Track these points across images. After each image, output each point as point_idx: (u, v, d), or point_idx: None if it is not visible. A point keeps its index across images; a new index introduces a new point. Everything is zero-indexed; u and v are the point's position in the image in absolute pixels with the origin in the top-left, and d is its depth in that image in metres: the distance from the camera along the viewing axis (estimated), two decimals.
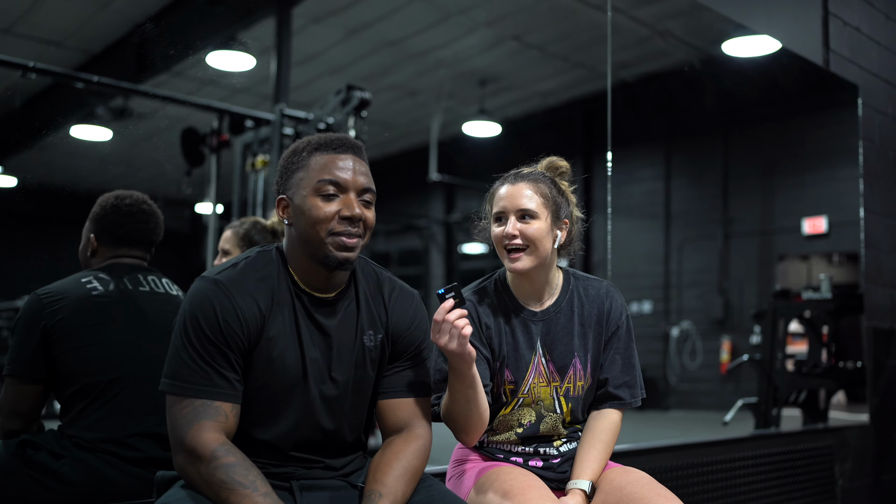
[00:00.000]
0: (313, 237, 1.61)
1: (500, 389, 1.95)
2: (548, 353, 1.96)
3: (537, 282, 1.96)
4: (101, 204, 2.27)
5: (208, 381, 1.54)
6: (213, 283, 1.59)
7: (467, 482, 1.93)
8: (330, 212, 1.61)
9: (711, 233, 9.47)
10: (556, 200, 1.94)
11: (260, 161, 5.52)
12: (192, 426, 1.51)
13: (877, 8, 5.14)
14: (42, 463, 1.98)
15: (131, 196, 2.28)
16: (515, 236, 1.89)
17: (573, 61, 8.07)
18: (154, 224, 2.31)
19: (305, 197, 1.62)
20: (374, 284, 1.76)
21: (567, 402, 1.97)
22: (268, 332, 1.61)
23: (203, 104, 5.57)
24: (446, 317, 1.64)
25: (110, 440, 2.04)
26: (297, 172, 1.65)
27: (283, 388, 1.63)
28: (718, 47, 5.31)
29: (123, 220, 2.24)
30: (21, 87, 4.32)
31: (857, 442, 4.54)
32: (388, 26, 6.97)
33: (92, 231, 2.27)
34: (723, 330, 9.22)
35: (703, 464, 3.55)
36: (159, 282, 2.27)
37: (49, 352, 2.05)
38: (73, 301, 2.08)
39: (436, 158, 9.36)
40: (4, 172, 4.92)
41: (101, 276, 2.17)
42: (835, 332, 5.01)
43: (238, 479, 1.46)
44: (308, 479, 1.67)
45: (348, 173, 1.63)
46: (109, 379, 2.06)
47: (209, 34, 5.04)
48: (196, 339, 1.55)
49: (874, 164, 4.94)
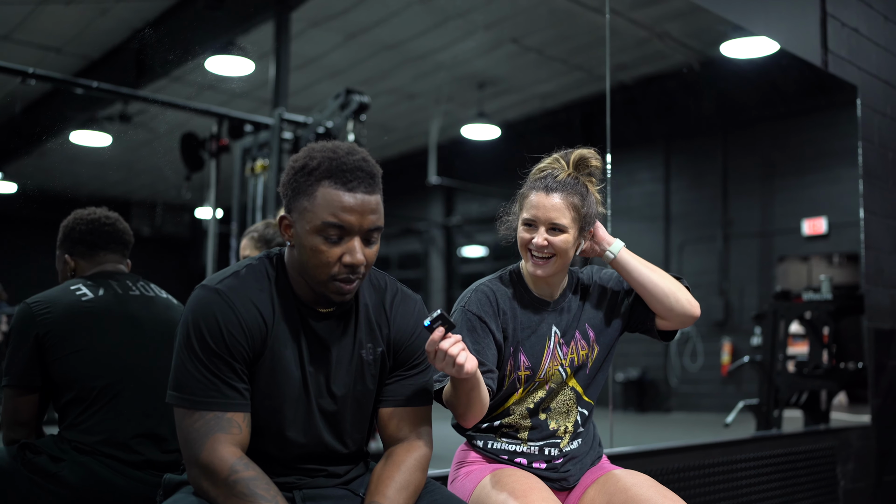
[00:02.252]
0: (313, 276, 1.56)
1: (514, 375, 1.97)
2: (562, 339, 2.02)
3: (553, 281, 2.03)
4: (63, 226, 2.31)
5: (218, 392, 1.52)
6: (214, 292, 1.56)
7: (470, 484, 1.93)
8: (332, 257, 1.53)
9: (711, 234, 9.47)
10: (585, 215, 1.97)
11: (259, 165, 5.52)
12: (207, 441, 1.48)
13: (875, 9, 5.15)
14: (42, 466, 1.99)
15: (90, 209, 2.33)
16: (545, 247, 1.93)
17: (572, 64, 8.07)
18: (121, 225, 2.34)
19: (308, 233, 1.53)
20: (376, 292, 1.74)
21: (572, 372, 2.01)
22: (271, 341, 1.58)
23: (202, 109, 5.57)
24: (439, 346, 1.60)
25: (109, 443, 2.04)
26: (302, 199, 1.54)
27: (284, 401, 1.61)
28: (717, 49, 5.32)
29: (88, 226, 2.28)
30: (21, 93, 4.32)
31: (858, 443, 4.53)
32: (386, 30, 6.97)
33: (65, 252, 2.29)
34: (723, 332, 9.22)
35: (704, 466, 3.55)
36: (147, 286, 2.30)
37: (43, 360, 2.06)
38: (63, 308, 2.09)
39: (435, 161, 9.36)
40: (4, 178, 4.92)
41: (89, 283, 2.19)
42: (835, 333, 5.01)
43: (261, 492, 1.44)
44: (311, 487, 1.66)
45: (355, 216, 1.52)
46: (105, 383, 2.08)
47: (208, 39, 5.05)
48: (201, 350, 1.52)
49: (873, 164, 4.94)
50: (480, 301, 1.97)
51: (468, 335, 1.92)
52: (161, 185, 6.83)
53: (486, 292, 1.99)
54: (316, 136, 5.26)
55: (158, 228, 6.90)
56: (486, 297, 1.98)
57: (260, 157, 5.55)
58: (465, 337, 1.89)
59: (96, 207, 2.34)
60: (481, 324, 1.94)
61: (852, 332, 5.03)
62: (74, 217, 2.30)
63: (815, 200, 8.54)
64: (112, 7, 5.25)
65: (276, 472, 1.62)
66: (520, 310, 2.00)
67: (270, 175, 5.37)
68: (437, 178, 9.47)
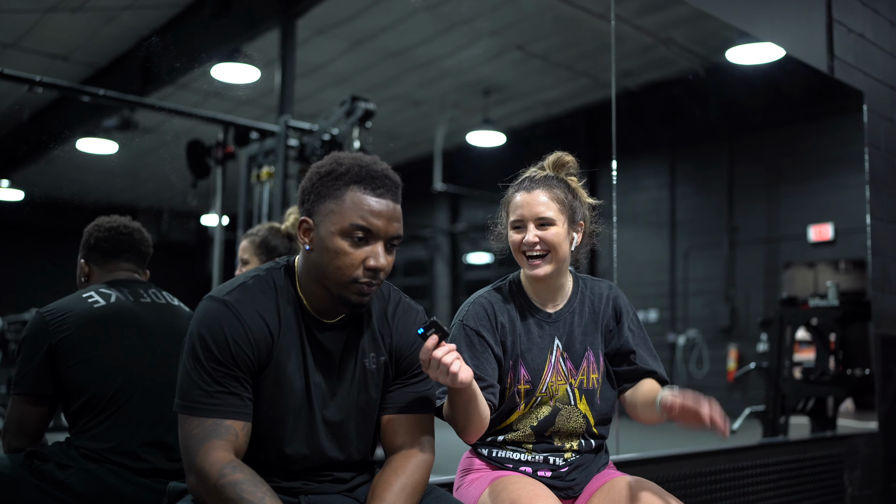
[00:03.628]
0: (334, 278, 1.58)
1: (513, 389, 1.95)
2: (566, 352, 1.98)
3: (553, 285, 2.00)
4: (85, 231, 2.33)
5: (218, 400, 1.53)
6: (221, 303, 1.57)
7: (475, 491, 1.93)
8: (356, 259, 1.56)
9: (717, 241, 9.45)
10: (571, 205, 1.98)
11: (265, 172, 5.54)
12: (202, 446, 1.49)
13: (881, 14, 5.14)
14: (49, 474, 1.98)
15: (110, 217, 2.35)
16: (536, 244, 1.92)
17: (577, 70, 8.08)
18: (139, 236, 2.36)
19: (333, 235, 1.56)
20: (379, 301, 1.75)
21: (581, 395, 1.98)
22: (276, 353, 1.59)
23: (208, 116, 5.58)
24: (433, 354, 1.59)
25: (118, 451, 2.04)
26: (328, 202, 1.58)
27: (288, 412, 1.61)
28: (722, 55, 5.32)
29: (107, 234, 2.30)
30: (28, 100, 4.34)
31: (866, 450, 4.51)
32: (391, 37, 6.98)
33: (81, 258, 2.32)
34: (729, 338, 9.19)
35: (711, 472, 3.53)
36: (160, 294, 2.30)
37: (55, 368, 2.07)
38: (76, 318, 2.10)
39: (440, 168, 9.37)
40: (12, 186, 4.94)
41: (102, 291, 2.20)
42: (842, 339, 4.98)
43: (246, 496, 1.43)
44: (317, 493, 1.66)
45: (382, 221, 1.58)
46: (115, 390, 2.08)
47: (214, 47, 5.06)
48: (205, 359, 1.53)
49: (880, 170, 4.93)
50: (478, 314, 1.96)
51: (467, 350, 1.91)
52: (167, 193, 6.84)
53: (483, 305, 1.97)
54: (321, 143, 5.27)
55: (164, 235, 6.92)
56: (484, 310, 1.96)
57: (266, 164, 5.56)
58: (464, 352, 1.89)
59: (120, 216, 2.35)
60: (479, 338, 1.93)
61: (859, 339, 5.00)
62: (95, 224, 2.33)
63: (822, 206, 8.51)
64: (118, 15, 5.27)
65: (282, 479, 1.63)
66: (519, 321, 1.98)
67: (276, 182, 5.38)
68: (443, 184, 9.48)
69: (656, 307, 9.75)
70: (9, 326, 5.19)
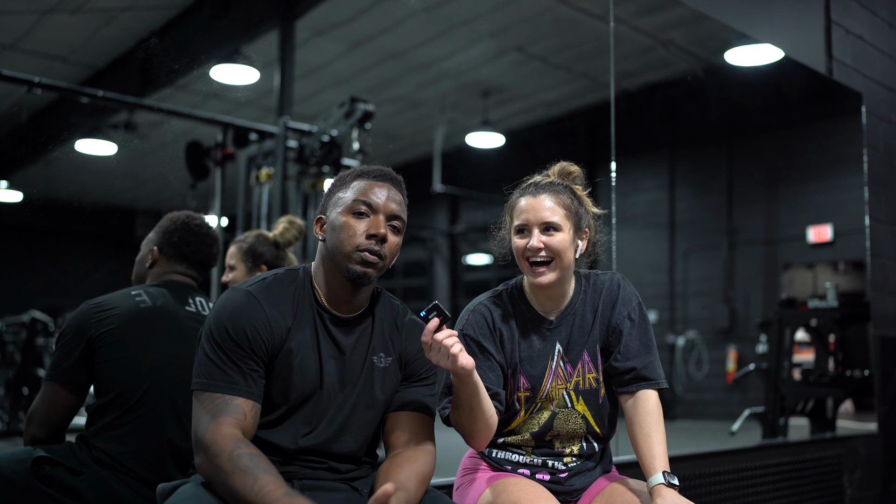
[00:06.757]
0: (339, 250, 1.71)
1: (513, 397, 1.94)
2: (566, 355, 1.96)
3: (556, 293, 1.97)
4: (171, 219, 2.32)
5: (229, 378, 1.61)
6: (244, 293, 1.69)
7: (475, 492, 1.93)
8: (359, 229, 1.72)
9: (716, 242, 9.45)
10: (577, 212, 1.95)
11: (264, 174, 5.53)
12: (213, 422, 1.56)
13: (879, 16, 5.15)
14: (60, 480, 1.96)
15: (200, 218, 2.35)
16: (541, 249, 1.89)
17: (576, 72, 8.08)
18: (216, 249, 2.37)
19: (340, 214, 1.75)
20: (391, 312, 1.84)
21: (577, 396, 1.96)
22: (290, 343, 1.68)
23: (207, 118, 5.58)
24: (434, 337, 1.63)
25: (134, 457, 2.02)
26: (338, 193, 1.79)
27: (297, 399, 1.69)
28: (721, 56, 5.32)
29: (191, 238, 2.30)
30: (26, 102, 4.33)
31: (865, 451, 4.51)
32: (390, 38, 6.98)
33: (156, 244, 2.30)
34: (729, 339, 9.19)
35: (710, 474, 3.53)
36: (206, 304, 2.29)
37: (90, 361, 2.07)
38: (121, 312, 2.10)
39: (439, 170, 9.37)
40: (10, 187, 4.93)
41: (151, 291, 2.19)
42: (841, 340, 4.99)
43: (264, 466, 1.50)
44: (311, 479, 1.70)
45: (381, 198, 1.76)
46: (143, 392, 2.07)
47: (213, 48, 5.06)
48: (220, 339, 1.63)
49: (879, 171, 4.94)
50: (477, 323, 1.95)
51: None
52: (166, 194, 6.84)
53: (482, 313, 1.96)
54: (321, 145, 5.27)
55: None
56: (483, 319, 1.95)
57: (265, 165, 5.56)
58: None
59: (204, 221, 2.35)
60: (479, 348, 1.92)
61: (858, 340, 5.01)
62: (184, 220, 2.32)
63: (821, 208, 8.52)
64: (117, 16, 5.27)
65: (278, 463, 1.66)
66: (518, 329, 1.96)
67: (275, 183, 5.38)
68: (442, 186, 9.48)
69: (655, 308, 9.75)
70: (7, 328, 5.19)
